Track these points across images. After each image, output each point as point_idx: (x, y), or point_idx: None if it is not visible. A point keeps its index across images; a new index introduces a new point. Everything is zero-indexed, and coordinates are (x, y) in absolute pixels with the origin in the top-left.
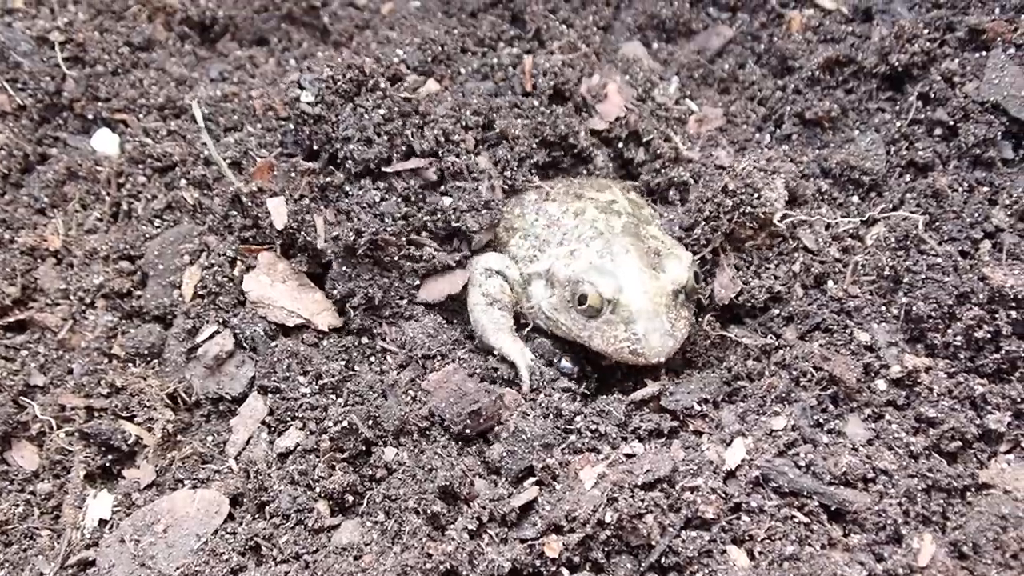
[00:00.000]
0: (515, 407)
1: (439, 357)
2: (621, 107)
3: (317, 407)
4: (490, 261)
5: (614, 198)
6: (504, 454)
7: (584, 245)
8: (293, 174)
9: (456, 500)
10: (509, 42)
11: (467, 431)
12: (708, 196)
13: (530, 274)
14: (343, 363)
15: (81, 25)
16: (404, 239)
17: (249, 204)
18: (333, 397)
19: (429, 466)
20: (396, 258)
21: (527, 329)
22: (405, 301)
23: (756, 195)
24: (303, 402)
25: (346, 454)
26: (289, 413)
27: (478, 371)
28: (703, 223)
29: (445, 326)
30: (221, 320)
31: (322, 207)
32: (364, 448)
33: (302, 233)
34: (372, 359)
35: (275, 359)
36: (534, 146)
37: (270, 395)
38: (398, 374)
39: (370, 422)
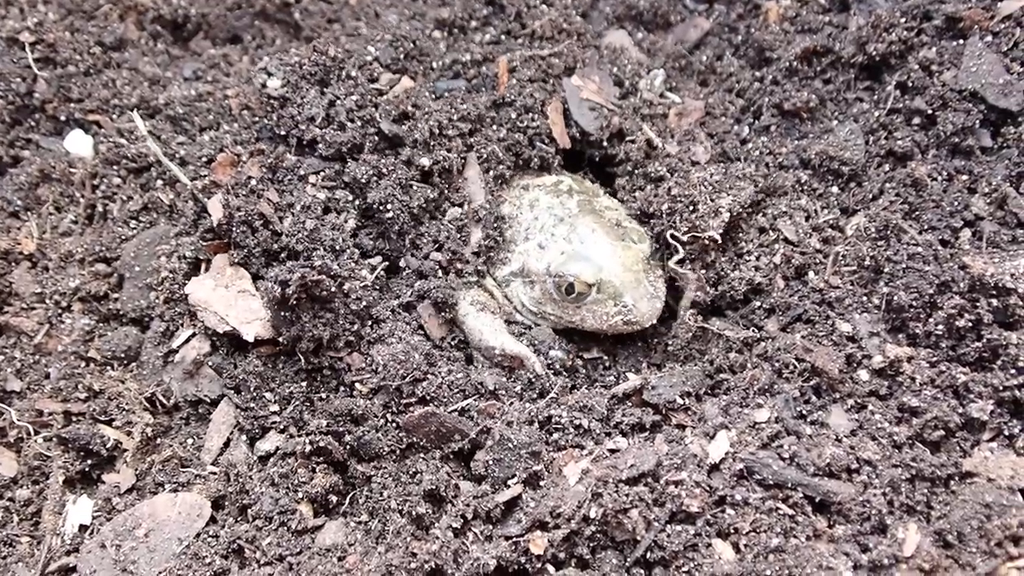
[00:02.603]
0: (499, 415)
1: (415, 382)
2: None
3: (288, 425)
4: None
5: (559, 178)
6: (490, 462)
7: (549, 235)
8: (244, 157)
9: (441, 502)
10: (484, 22)
11: (451, 456)
12: (657, 193)
13: (506, 277)
14: (304, 385)
15: (51, 25)
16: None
17: (204, 201)
18: (305, 415)
19: (414, 470)
20: (333, 289)
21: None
22: (356, 326)
23: (692, 209)
24: (273, 420)
25: (323, 459)
26: (261, 426)
27: (460, 389)
28: (655, 218)
29: (415, 342)
30: (198, 323)
31: (269, 189)
32: (343, 459)
33: (240, 227)
34: (340, 389)
35: (241, 377)
36: (509, 165)
37: (240, 409)
38: (369, 402)
39: (345, 448)
